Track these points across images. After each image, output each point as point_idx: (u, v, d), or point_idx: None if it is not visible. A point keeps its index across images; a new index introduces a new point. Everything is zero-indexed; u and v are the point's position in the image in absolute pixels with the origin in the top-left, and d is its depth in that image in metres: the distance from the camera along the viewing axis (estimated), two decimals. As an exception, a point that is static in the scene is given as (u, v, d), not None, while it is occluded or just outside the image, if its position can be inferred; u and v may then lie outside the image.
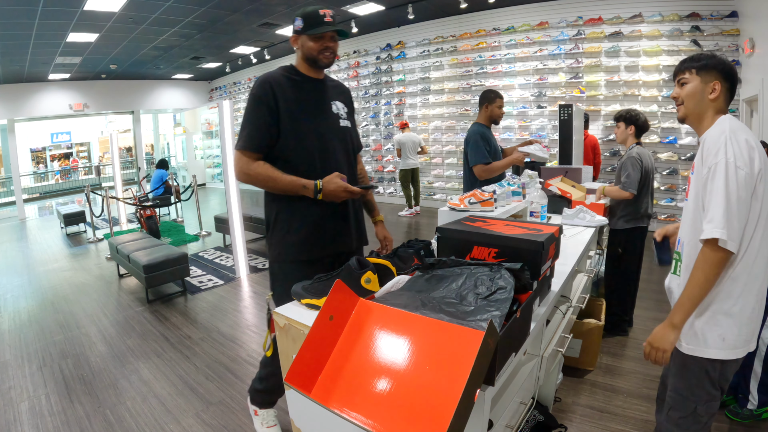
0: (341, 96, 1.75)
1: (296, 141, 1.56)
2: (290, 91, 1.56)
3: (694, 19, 5.37)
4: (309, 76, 1.64)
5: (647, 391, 2.29)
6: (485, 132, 3.15)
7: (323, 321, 0.92)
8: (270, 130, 1.54)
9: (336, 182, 1.51)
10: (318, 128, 1.60)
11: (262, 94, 1.53)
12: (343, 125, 1.70)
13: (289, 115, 1.54)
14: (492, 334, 0.82)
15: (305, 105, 1.59)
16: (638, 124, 2.78)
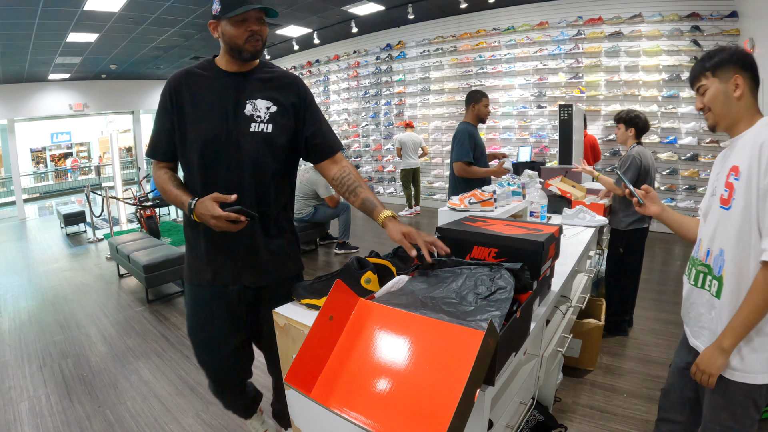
0: (276, 91, 1.38)
1: (182, 151, 1.37)
2: (193, 90, 1.33)
3: (694, 19, 5.37)
4: (225, 69, 1.35)
5: (647, 391, 2.29)
6: (473, 131, 3.22)
7: (323, 321, 0.92)
8: (170, 137, 1.36)
9: (205, 206, 1.23)
10: (203, 135, 1.31)
11: (162, 95, 1.35)
12: (255, 130, 1.33)
13: (179, 122, 1.34)
14: (492, 334, 0.82)
15: (198, 107, 1.32)
16: (638, 127, 2.79)
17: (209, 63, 1.37)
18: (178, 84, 1.33)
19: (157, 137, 1.39)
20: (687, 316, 1.32)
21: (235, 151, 1.33)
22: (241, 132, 1.33)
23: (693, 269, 1.29)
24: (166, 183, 1.38)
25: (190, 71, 1.35)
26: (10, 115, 9.62)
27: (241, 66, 1.35)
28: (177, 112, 1.33)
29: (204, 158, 1.33)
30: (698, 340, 1.26)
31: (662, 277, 4.28)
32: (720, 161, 1.29)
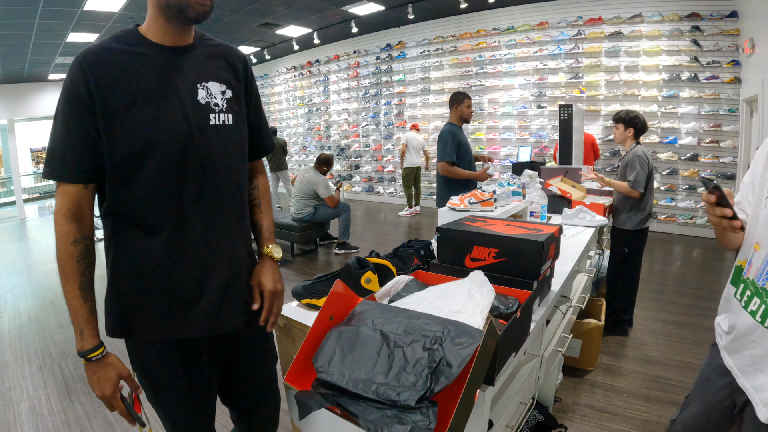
0: (225, 71, 1.04)
1: (115, 163, 0.91)
2: (119, 76, 0.90)
3: (694, 19, 5.37)
4: (161, 43, 0.95)
5: (647, 391, 2.30)
6: (457, 132, 3.29)
7: (323, 321, 0.92)
8: (90, 144, 0.90)
9: (107, 374, 0.94)
10: (153, 136, 0.91)
11: (71, 83, 0.88)
12: (215, 122, 0.99)
13: (105, 120, 0.89)
14: (492, 334, 0.82)
15: (136, 96, 0.91)
16: (638, 127, 2.81)
17: (133, 35, 0.95)
18: (98, 65, 0.89)
19: (66, 147, 0.90)
20: (739, 353, 1.02)
21: (199, 154, 0.96)
22: (200, 127, 0.97)
23: (755, 299, 0.98)
24: (72, 267, 0.93)
25: (109, 47, 0.91)
26: (10, 115, 9.62)
27: (179, 37, 0.97)
28: (101, 106, 0.88)
29: (159, 170, 0.92)
30: (750, 381, 0.99)
31: (662, 277, 4.28)
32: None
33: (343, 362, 0.83)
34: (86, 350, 0.92)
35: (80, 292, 0.92)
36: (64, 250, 0.92)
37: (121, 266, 0.97)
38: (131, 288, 0.97)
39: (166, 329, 0.99)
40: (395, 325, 0.86)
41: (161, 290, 0.97)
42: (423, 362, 0.77)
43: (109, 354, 0.95)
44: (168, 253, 0.95)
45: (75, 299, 0.92)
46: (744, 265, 1.06)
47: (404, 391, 0.73)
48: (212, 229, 1.00)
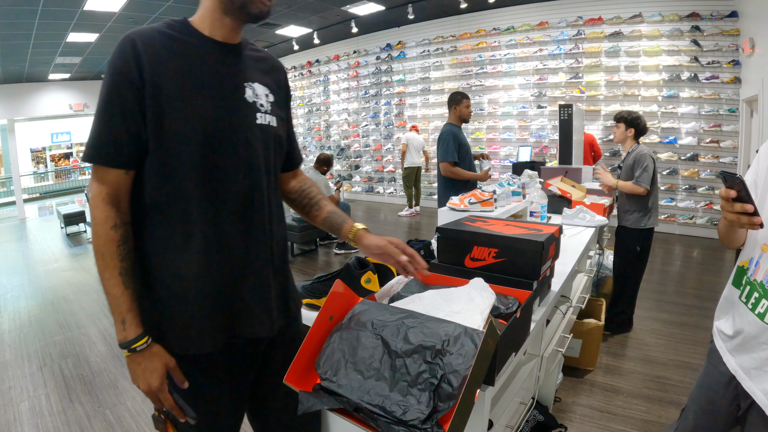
0: (268, 75, 1.04)
1: (165, 151, 0.87)
2: (170, 60, 0.87)
3: (694, 19, 5.37)
4: (212, 38, 0.93)
5: (647, 391, 2.30)
6: (457, 132, 3.31)
7: (323, 321, 0.92)
8: (135, 128, 0.86)
9: (153, 364, 0.87)
10: (204, 125, 0.89)
11: (120, 63, 0.84)
12: (262, 122, 0.98)
13: (157, 103, 0.85)
14: (492, 334, 0.82)
15: (186, 84, 0.88)
16: (639, 128, 2.83)
17: (184, 25, 0.93)
18: (151, 46, 0.86)
19: (109, 129, 0.85)
20: (747, 356, 1.02)
21: (244, 149, 0.94)
22: (248, 124, 0.95)
23: (763, 300, 0.97)
24: (112, 252, 0.85)
25: (161, 31, 0.90)
26: (10, 115, 9.62)
27: (232, 33, 0.96)
28: (153, 88, 0.85)
29: (206, 160, 0.89)
30: (758, 384, 0.99)
31: (662, 277, 4.28)
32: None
33: (347, 373, 0.83)
34: (130, 340, 0.84)
35: (121, 279, 0.85)
36: (103, 235, 0.86)
37: (159, 269, 0.90)
38: (168, 293, 0.90)
39: (205, 338, 0.91)
40: (395, 330, 0.87)
41: (201, 295, 0.91)
42: (425, 376, 0.78)
43: (154, 343, 0.88)
44: (209, 252, 0.90)
45: (116, 286, 0.85)
46: (747, 266, 1.04)
47: (410, 409, 0.74)
48: (252, 231, 0.96)
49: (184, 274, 0.90)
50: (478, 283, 1.08)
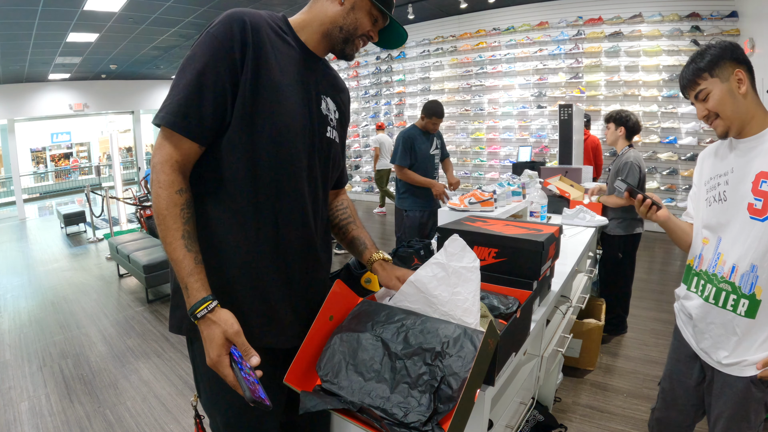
0: (338, 94, 1.06)
1: (249, 141, 0.85)
2: (272, 48, 0.87)
3: (694, 19, 5.37)
4: (306, 45, 0.95)
5: (647, 391, 2.29)
6: (414, 135, 3.28)
7: (323, 321, 0.92)
8: (224, 109, 0.84)
9: (227, 323, 0.78)
10: (294, 129, 0.89)
11: (225, 39, 0.82)
12: (330, 136, 1.00)
13: (256, 86, 0.84)
14: (492, 335, 0.82)
15: (281, 78, 0.88)
16: (628, 125, 2.71)
17: (285, 24, 0.94)
18: (260, 29, 0.86)
19: (197, 98, 0.81)
20: (700, 336, 1.21)
21: (315, 158, 0.95)
22: (320, 135, 0.96)
23: (708, 285, 1.17)
24: (176, 215, 0.80)
25: (267, 21, 0.89)
26: (10, 115, 9.63)
27: (321, 49, 0.97)
28: (251, 75, 0.83)
29: (284, 159, 0.88)
30: (715, 357, 1.18)
31: (662, 277, 4.29)
32: (718, 162, 1.19)
33: (348, 375, 0.83)
34: (192, 306, 0.78)
35: (183, 242, 0.80)
36: (166, 198, 0.80)
37: (219, 253, 0.87)
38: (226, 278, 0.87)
39: (256, 333, 0.87)
40: (395, 332, 0.87)
41: (256, 285, 0.89)
42: (425, 378, 0.78)
43: (220, 309, 0.79)
44: (267, 250, 0.89)
45: (177, 250, 0.79)
46: (693, 263, 1.26)
47: (411, 411, 0.75)
48: (309, 238, 0.95)
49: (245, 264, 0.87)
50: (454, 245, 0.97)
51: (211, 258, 0.85)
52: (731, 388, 1.15)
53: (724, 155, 1.18)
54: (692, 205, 1.31)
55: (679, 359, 1.34)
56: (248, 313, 0.87)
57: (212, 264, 0.85)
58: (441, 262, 0.96)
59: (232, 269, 0.88)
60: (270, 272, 0.90)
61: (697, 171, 1.29)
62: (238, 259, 0.88)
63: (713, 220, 1.17)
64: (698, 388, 1.29)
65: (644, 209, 1.28)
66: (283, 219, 0.90)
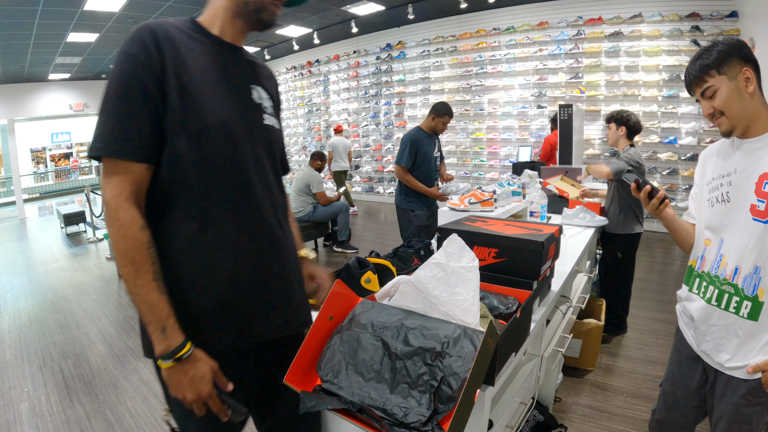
0: (266, 81, 1.04)
1: (192, 143, 0.84)
2: (187, 53, 0.86)
3: (694, 19, 5.37)
4: (222, 38, 0.93)
5: (647, 391, 2.29)
6: (420, 138, 3.28)
7: (323, 321, 0.92)
8: (160, 120, 0.82)
9: (200, 371, 0.81)
10: (227, 121, 0.88)
11: (139, 52, 0.80)
12: (267, 123, 0.99)
13: (181, 93, 0.83)
14: (492, 335, 0.82)
15: (211, 78, 0.88)
16: (629, 125, 2.69)
17: (193, 24, 0.92)
18: (171, 39, 0.84)
19: (131, 119, 0.80)
20: (702, 338, 1.20)
21: (259, 147, 0.94)
22: (257, 124, 0.95)
23: (710, 287, 1.15)
24: (144, 257, 0.79)
25: (174, 25, 0.88)
26: (10, 115, 9.62)
27: (239, 36, 0.96)
28: (175, 81, 0.82)
29: (231, 155, 0.88)
30: (717, 359, 1.16)
31: (662, 277, 4.29)
32: (721, 162, 1.17)
33: (348, 375, 0.83)
34: (174, 348, 0.78)
35: (156, 284, 0.79)
36: (131, 238, 0.78)
37: (178, 265, 0.85)
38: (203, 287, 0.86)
39: (224, 337, 0.88)
40: (395, 332, 0.87)
41: (223, 291, 0.87)
42: (425, 378, 0.78)
43: (196, 348, 0.81)
44: (237, 249, 0.88)
45: (151, 293, 0.78)
46: (695, 264, 1.23)
47: (411, 411, 0.75)
48: (274, 234, 0.95)
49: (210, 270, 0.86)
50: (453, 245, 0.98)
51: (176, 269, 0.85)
52: (733, 390, 1.14)
53: (727, 155, 1.16)
54: (694, 205, 1.29)
55: (680, 361, 1.32)
56: (223, 316, 0.87)
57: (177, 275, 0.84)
58: (440, 262, 0.96)
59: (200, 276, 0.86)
60: (239, 270, 0.88)
61: (699, 171, 1.27)
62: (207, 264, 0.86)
63: (716, 221, 1.16)
64: (700, 390, 1.27)
65: (656, 202, 1.21)
66: (240, 215, 0.89)
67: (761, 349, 1.08)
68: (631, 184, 1.23)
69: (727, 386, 1.15)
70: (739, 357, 1.11)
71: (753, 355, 1.09)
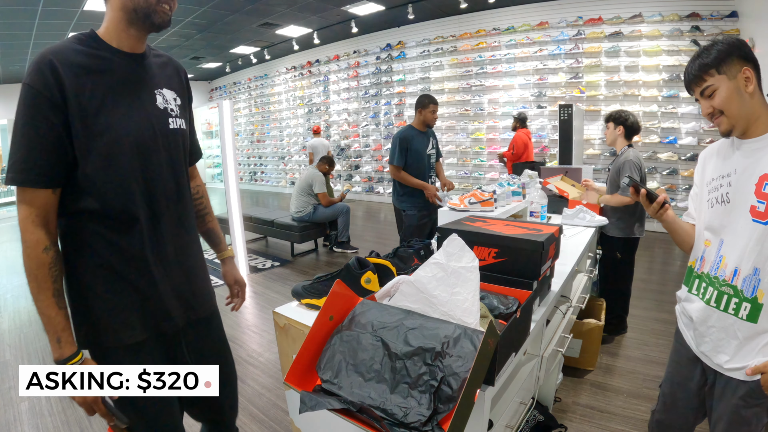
0: (172, 80, 1.11)
1: (100, 164, 0.93)
2: (87, 76, 0.92)
3: (694, 19, 5.37)
4: (120, 49, 0.98)
5: (647, 391, 2.29)
6: (410, 135, 3.25)
7: (323, 321, 0.92)
8: (60, 147, 0.90)
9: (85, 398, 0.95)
10: (134, 136, 0.97)
11: (38, 84, 0.88)
12: (174, 126, 1.07)
13: (83, 119, 0.90)
14: (492, 335, 0.82)
15: (114, 96, 0.95)
16: (627, 124, 2.68)
17: (94, 39, 0.96)
18: (69, 65, 0.89)
19: (36, 150, 0.88)
20: (701, 339, 1.19)
21: (166, 153, 1.04)
22: (163, 130, 1.04)
23: (710, 288, 1.15)
24: (45, 276, 0.91)
25: (74, 48, 0.92)
26: (10, 115, 9.60)
27: (138, 43, 1.01)
28: (76, 105, 0.89)
29: (141, 165, 0.99)
30: (716, 360, 1.16)
31: (662, 277, 4.29)
32: (721, 162, 1.16)
33: (348, 375, 0.83)
34: (66, 357, 0.93)
35: (54, 300, 0.92)
36: (35, 258, 0.92)
37: (94, 269, 0.98)
38: (106, 289, 0.98)
39: (147, 326, 1.02)
40: (395, 332, 0.87)
41: (139, 287, 1.00)
42: (425, 378, 0.78)
43: (87, 358, 0.96)
44: (145, 248, 1.00)
45: (50, 308, 0.91)
46: (695, 265, 1.23)
47: (411, 411, 0.75)
48: (180, 226, 1.09)
49: (123, 271, 0.99)
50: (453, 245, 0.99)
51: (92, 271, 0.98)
52: (732, 391, 1.14)
53: (727, 155, 1.15)
54: (693, 205, 1.28)
55: (680, 362, 1.32)
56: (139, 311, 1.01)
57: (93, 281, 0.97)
58: (440, 262, 0.96)
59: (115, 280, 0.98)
60: (148, 271, 1.01)
61: (699, 171, 1.26)
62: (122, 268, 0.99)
63: (715, 222, 1.15)
64: (699, 391, 1.27)
65: (656, 206, 1.21)
66: (148, 219, 1.01)
67: (760, 350, 1.07)
68: (629, 191, 1.24)
69: (726, 387, 1.15)
70: (738, 358, 1.11)
71: (752, 357, 1.08)
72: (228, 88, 13.02)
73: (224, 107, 4.31)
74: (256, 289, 4.18)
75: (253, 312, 3.65)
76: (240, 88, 12.52)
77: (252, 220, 5.49)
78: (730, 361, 1.12)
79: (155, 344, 1.06)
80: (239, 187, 4.54)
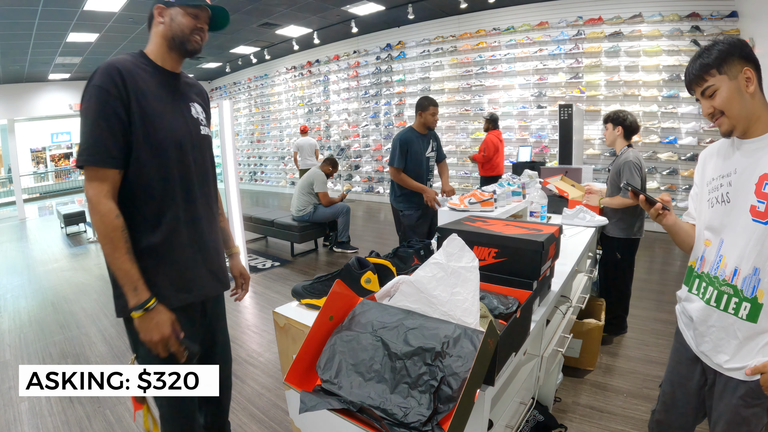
0: (199, 97, 1.37)
1: (151, 153, 1.15)
2: (143, 83, 1.15)
3: (694, 19, 5.37)
4: (164, 67, 1.23)
5: (647, 391, 2.29)
6: (410, 138, 3.24)
7: (323, 321, 0.92)
8: (124, 137, 1.11)
9: (162, 320, 1.12)
10: (176, 134, 1.20)
11: (109, 85, 1.08)
12: (204, 133, 1.33)
13: (142, 116, 1.13)
14: (492, 335, 0.82)
15: (162, 103, 1.19)
16: (625, 124, 2.68)
17: (142, 57, 1.21)
18: (131, 74, 1.12)
19: (108, 137, 1.08)
20: (701, 338, 1.20)
21: (199, 153, 1.28)
22: (197, 134, 1.28)
23: (710, 288, 1.15)
24: (119, 237, 1.08)
25: (132, 62, 1.16)
26: (10, 115, 9.62)
27: (176, 64, 1.26)
28: (137, 107, 1.12)
29: (180, 159, 1.20)
30: (716, 360, 1.16)
31: (662, 277, 4.29)
32: (721, 162, 1.16)
33: (348, 375, 0.83)
34: (144, 301, 1.09)
35: (129, 256, 1.09)
36: (110, 223, 1.08)
37: (143, 243, 1.15)
38: (165, 258, 1.18)
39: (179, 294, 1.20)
40: (395, 332, 0.87)
41: (191, 258, 1.23)
42: (425, 378, 0.78)
43: (158, 302, 1.12)
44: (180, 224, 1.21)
45: (126, 263, 1.08)
46: (695, 264, 1.24)
47: (411, 411, 0.75)
48: (209, 210, 1.31)
49: (173, 242, 1.19)
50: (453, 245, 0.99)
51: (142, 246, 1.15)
52: (732, 391, 1.14)
53: (727, 155, 1.15)
54: (693, 205, 1.29)
55: (680, 362, 1.32)
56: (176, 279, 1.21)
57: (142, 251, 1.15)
58: (440, 262, 0.96)
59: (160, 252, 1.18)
60: (187, 244, 1.22)
61: (699, 171, 1.26)
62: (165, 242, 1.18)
63: (715, 222, 1.15)
64: (699, 391, 1.27)
65: (654, 212, 1.23)
66: (185, 202, 1.22)
67: (760, 350, 1.07)
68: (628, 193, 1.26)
69: (726, 387, 1.15)
70: (738, 358, 1.11)
71: (752, 357, 1.08)
72: (228, 88, 13.01)
73: (224, 107, 4.31)
74: (256, 289, 4.18)
75: (253, 312, 3.65)
76: (240, 88, 12.52)
77: (252, 220, 5.49)
78: (729, 360, 1.12)
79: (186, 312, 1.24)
80: (239, 187, 4.54)
